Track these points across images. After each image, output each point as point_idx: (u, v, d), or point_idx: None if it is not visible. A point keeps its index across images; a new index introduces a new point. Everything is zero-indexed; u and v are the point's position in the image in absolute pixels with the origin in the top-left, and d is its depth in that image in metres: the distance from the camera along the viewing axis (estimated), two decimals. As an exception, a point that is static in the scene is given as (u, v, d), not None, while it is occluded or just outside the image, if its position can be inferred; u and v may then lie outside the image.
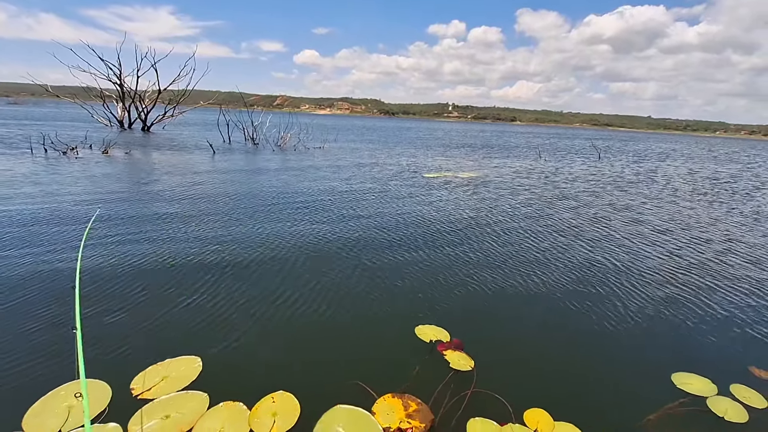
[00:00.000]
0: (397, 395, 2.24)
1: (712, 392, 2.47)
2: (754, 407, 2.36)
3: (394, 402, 2.19)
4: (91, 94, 21.78)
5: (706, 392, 2.47)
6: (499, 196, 8.72)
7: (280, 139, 17.81)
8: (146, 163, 10.51)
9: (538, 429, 2.09)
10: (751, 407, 2.35)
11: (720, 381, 2.57)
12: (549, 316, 3.35)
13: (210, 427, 1.99)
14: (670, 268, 4.65)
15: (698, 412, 2.31)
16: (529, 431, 2.08)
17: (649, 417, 2.23)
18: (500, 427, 2.09)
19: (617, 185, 11.23)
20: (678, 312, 3.53)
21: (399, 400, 2.20)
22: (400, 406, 2.16)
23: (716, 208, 8.60)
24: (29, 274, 3.51)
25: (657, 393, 2.45)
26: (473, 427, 2.08)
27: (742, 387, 2.53)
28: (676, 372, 2.64)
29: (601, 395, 2.41)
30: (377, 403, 2.18)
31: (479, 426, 2.09)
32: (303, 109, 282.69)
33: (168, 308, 3.11)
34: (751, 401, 2.40)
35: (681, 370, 2.67)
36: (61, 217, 5.25)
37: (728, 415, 2.29)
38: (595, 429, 2.10)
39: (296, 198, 7.32)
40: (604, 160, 19.22)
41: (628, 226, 6.49)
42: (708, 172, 16.41)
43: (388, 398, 2.22)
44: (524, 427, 2.10)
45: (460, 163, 15.23)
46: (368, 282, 3.84)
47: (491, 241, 5.29)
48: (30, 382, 2.25)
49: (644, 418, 2.22)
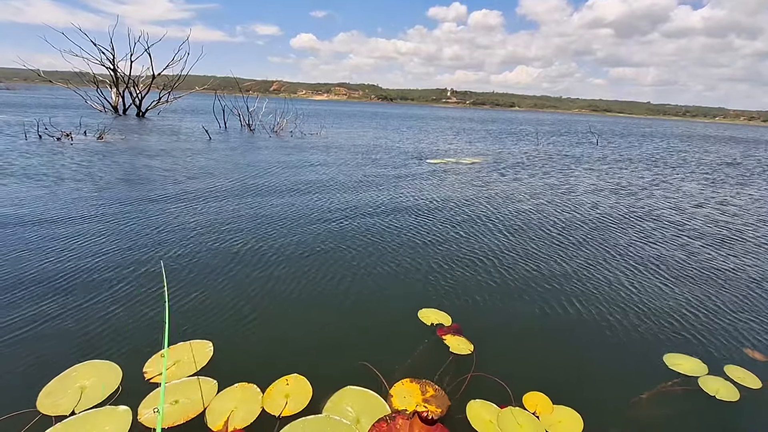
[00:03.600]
0: (414, 380, 2.28)
1: (703, 372, 2.54)
2: (747, 387, 2.43)
3: (412, 386, 2.24)
4: (84, 79, 21.38)
5: (698, 372, 2.54)
6: (502, 182, 8.74)
7: (276, 125, 17.68)
8: (141, 149, 10.41)
9: (537, 411, 2.16)
10: (743, 387, 2.42)
11: (715, 362, 2.64)
12: (547, 301, 3.40)
13: (224, 407, 2.05)
14: (667, 252, 4.71)
15: (690, 391, 2.39)
16: (528, 414, 2.14)
17: (641, 396, 2.30)
18: (500, 409, 2.14)
19: (615, 172, 11.26)
20: (675, 295, 3.60)
21: (417, 385, 2.25)
22: (417, 391, 2.20)
23: (712, 189, 8.65)
24: (46, 261, 3.53)
25: (650, 374, 2.51)
26: (473, 408, 2.14)
27: (736, 368, 2.60)
28: (669, 353, 2.72)
29: (597, 378, 2.48)
30: (394, 387, 2.23)
31: (479, 407, 2.15)
32: (300, 94, 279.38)
33: (180, 293, 3.16)
34: (744, 381, 2.47)
35: (675, 351, 2.75)
36: (56, 208, 5.24)
37: (720, 393, 2.36)
38: (593, 411, 2.17)
39: (298, 185, 7.31)
40: (599, 145, 19.20)
41: (625, 213, 6.54)
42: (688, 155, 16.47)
43: (406, 383, 2.26)
44: (523, 410, 2.16)
45: (463, 149, 15.22)
46: (374, 266, 3.91)
47: (494, 229, 5.33)
48: (43, 362, 2.30)
49: (638, 396, 2.29)
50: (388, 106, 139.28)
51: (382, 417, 2.02)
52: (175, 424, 1.93)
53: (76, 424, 1.90)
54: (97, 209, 5.16)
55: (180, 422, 1.94)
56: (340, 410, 2.06)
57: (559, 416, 2.13)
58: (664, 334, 2.99)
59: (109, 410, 1.98)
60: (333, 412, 2.05)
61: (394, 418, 2.02)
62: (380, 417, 2.03)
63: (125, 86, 21.16)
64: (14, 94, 41.36)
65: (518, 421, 2.08)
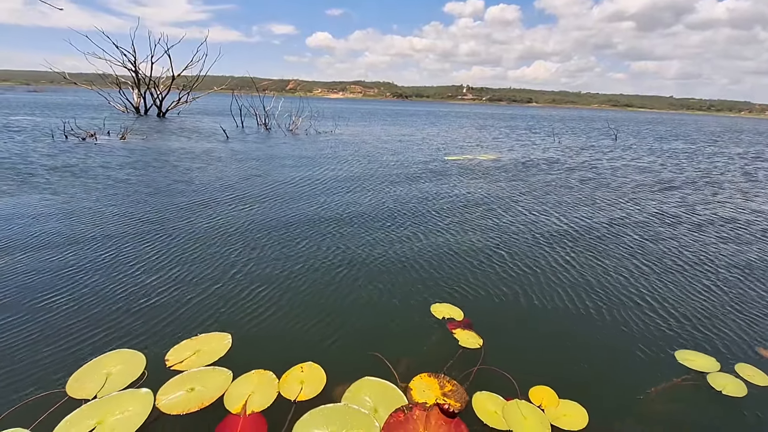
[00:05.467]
0: (432, 375, 2.35)
1: (714, 369, 2.54)
2: (755, 384, 2.42)
3: (431, 381, 2.30)
4: (107, 81, 22.08)
5: (708, 369, 2.54)
6: (519, 178, 8.71)
7: (292, 124, 17.91)
8: (162, 148, 10.71)
9: (542, 405, 2.19)
10: (751, 383, 2.42)
11: (727, 360, 2.63)
12: (560, 297, 3.42)
13: (242, 391, 2.17)
14: (683, 247, 4.65)
15: (698, 387, 2.39)
16: (533, 407, 2.18)
17: (648, 391, 2.32)
18: (506, 402, 2.19)
19: (633, 166, 11.06)
20: (689, 292, 3.57)
21: (435, 379, 2.31)
22: (436, 385, 2.27)
23: (724, 185, 8.44)
24: (80, 252, 3.73)
25: (660, 370, 2.52)
26: (479, 400, 2.19)
27: (747, 366, 2.58)
28: (680, 350, 2.72)
29: (605, 374, 2.49)
30: (413, 381, 2.30)
31: (485, 399, 2.20)
32: (315, 93, 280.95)
33: (201, 286, 3.31)
34: (753, 379, 2.46)
35: (687, 348, 2.74)
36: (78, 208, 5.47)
37: (726, 389, 2.36)
38: (598, 406, 2.20)
39: (314, 181, 7.43)
40: (619, 141, 18.84)
41: (644, 207, 6.45)
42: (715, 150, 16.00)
43: (425, 377, 2.33)
44: (529, 403, 2.20)
45: (480, 145, 15.21)
46: (390, 259, 4.04)
47: (511, 225, 5.35)
48: (76, 349, 2.48)
49: (645, 393, 2.31)
50: (403, 104, 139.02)
51: (399, 407, 2.09)
52: (190, 411, 2.04)
53: (101, 405, 2.03)
54: (119, 207, 5.37)
55: (194, 409, 2.05)
56: (359, 400, 2.15)
57: (564, 410, 2.16)
58: (677, 331, 2.98)
59: (131, 393, 2.12)
60: (351, 402, 2.13)
61: (411, 408, 2.09)
62: (397, 407, 2.09)
63: (146, 87, 21.75)
64: (43, 96, 42.86)
65: (523, 414, 2.12)
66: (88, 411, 1.99)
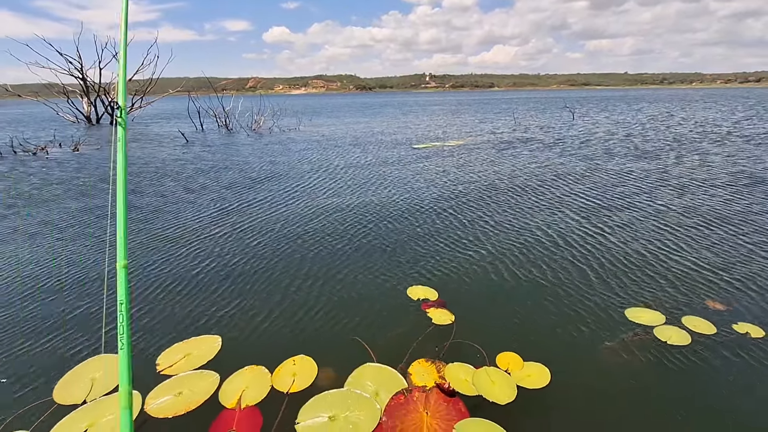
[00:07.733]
0: (428, 360, 2.45)
1: (660, 322, 2.78)
2: (700, 332, 2.66)
3: (427, 365, 2.41)
4: (54, 91, 20.89)
5: (656, 322, 2.78)
6: (483, 162, 8.96)
7: (254, 123, 17.61)
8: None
9: (509, 369, 2.36)
10: (696, 332, 2.66)
11: (674, 314, 2.87)
12: (521, 268, 3.63)
13: (236, 387, 2.24)
14: (633, 210, 4.96)
15: (647, 339, 2.62)
16: (500, 372, 2.34)
17: (603, 346, 2.54)
18: (475, 370, 2.34)
19: (588, 145, 11.55)
20: (640, 252, 3.84)
21: (432, 365, 2.42)
22: (433, 370, 2.37)
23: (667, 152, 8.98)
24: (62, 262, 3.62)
25: (613, 327, 2.74)
26: (450, 370, 2.33)
27: (694, 318, 2.82)
28: (631, 308, 2.96)
29: (564, 335, 2.69)
30: (412, 366, 2.40)
31: (456, 369, 2.34)
32: (277, 90, 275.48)
33: (189, 290, 3.35)
34: (698, 328, 2.69)
35: (638, 306, 2.99)
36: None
37: (672, 339, 2.60)
38: (559, 365, 2.38)
39: (282, 177, 7.39)
40: (577, 120, 19.56)
41: (588, 176, 6.79)
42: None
43: (422, 362, 2.43)
44: (497, 369, 2.36)
45: (447, 132, 15.45)
46: (368, 248, 4.18)
47: (478, 206, 5.54)
48: (60, 356, 2.51)
49: (600, 349, 2.52)
50: (366, 96, 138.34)
51: (399, 390, 2.20)
52: (177, 414, 2.06)
53: (89, 410, 2.06)
54: (81, 218, 5.21)
55: (182, 413, 2.07)
56: (360, 385, 2.24)
57: (528, 371, 2.34)
58: (627, 290, 3.23)
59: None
60: (354, 387, 2.22)
61: (411, 391, 2.20)
62: (398, 390, 2.20)
63: (96, 95, 20.75)
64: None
65: (492, 379, 2.27)
66: (78, 416, 2.02)
